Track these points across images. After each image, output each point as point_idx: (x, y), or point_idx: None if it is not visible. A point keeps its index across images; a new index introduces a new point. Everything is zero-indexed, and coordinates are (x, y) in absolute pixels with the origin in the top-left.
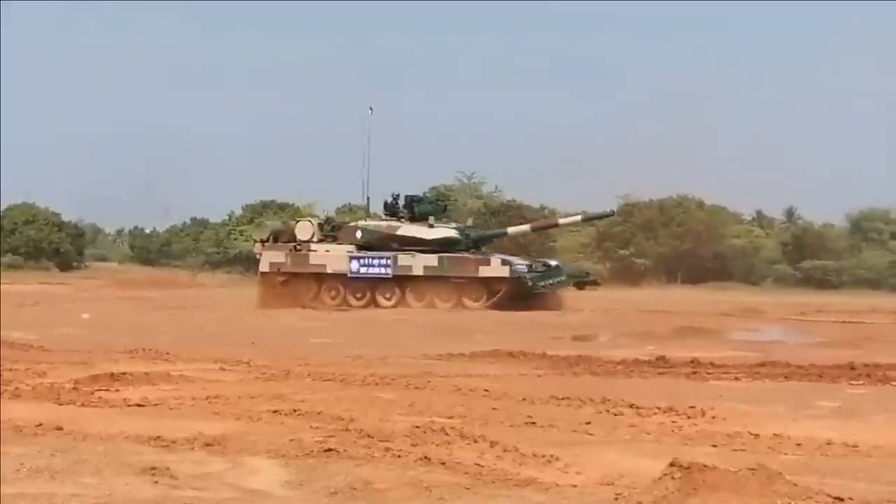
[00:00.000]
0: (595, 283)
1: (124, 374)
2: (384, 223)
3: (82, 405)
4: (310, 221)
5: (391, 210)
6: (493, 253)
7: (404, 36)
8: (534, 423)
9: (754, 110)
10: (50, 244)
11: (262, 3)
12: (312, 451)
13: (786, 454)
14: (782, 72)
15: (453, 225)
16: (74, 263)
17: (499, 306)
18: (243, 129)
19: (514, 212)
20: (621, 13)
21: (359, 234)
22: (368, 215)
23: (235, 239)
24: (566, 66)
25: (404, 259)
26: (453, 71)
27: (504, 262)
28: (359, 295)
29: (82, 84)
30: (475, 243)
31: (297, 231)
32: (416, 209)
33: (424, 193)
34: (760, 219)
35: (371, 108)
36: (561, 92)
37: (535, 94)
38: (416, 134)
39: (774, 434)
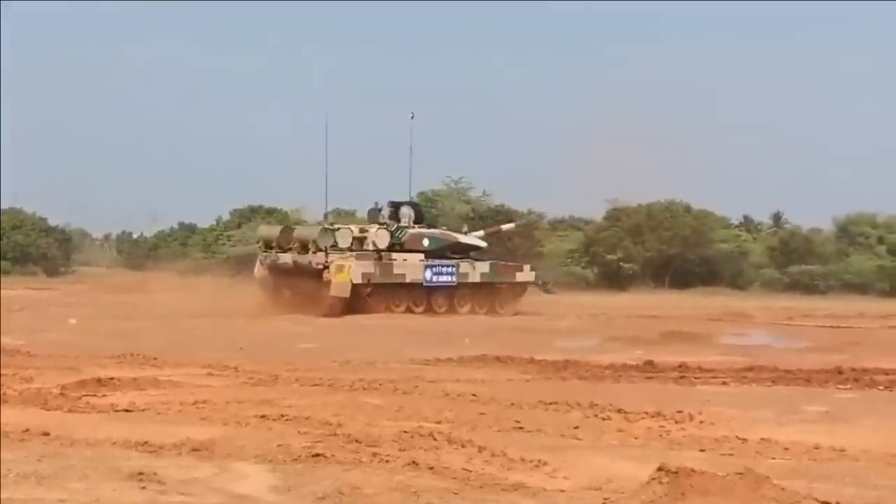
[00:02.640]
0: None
1: (112, 379)
2: (437, 231)
3: (69, 410)
4: (386, 228)
5: (374, 217)
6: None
7: (393, 39)
8: (521, 427)
9: (741, 115)
10: (37, 249)
11: (246, 8)
12: (300, 457)
13: (773, 458)
14: (769, 76)
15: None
16: (62, 268)
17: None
18: (231, 134)
19: (503, 217)
20: (609, 16)
21: (426, 241)
22: (401, 220)
23: (223, 244)
24: (554, 69)
25: (464, 267)
26: (443, 74)
27: (532, 269)
28: (415, 302)
29: (70, 87)
30: None
31: (376, 239)
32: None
33: (412, 198)
34: (748, 223)
35: (412, 114)
36: (549, 95)
37: (524, 97)
38: (405, 137)
39: (762, 438)
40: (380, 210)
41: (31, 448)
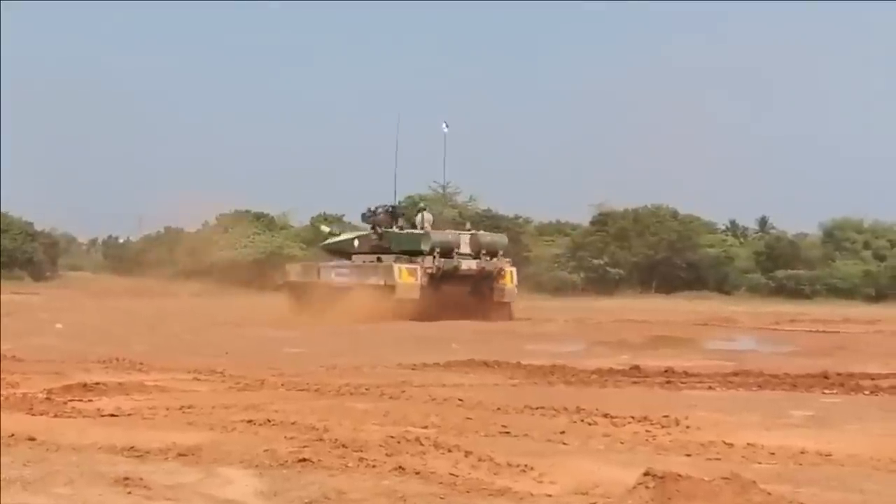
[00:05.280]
0: None
1: (98, 384)
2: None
3: (55, 415)
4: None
5: (372, 220)
6: None
7: (382, 40)
8: (508, 432)
9: (728, 120)
10: (23, 254)
11: (232, 14)
12: (286, 462)
13: (759, 463)
14: (755, 79)
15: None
16: (48, 273)
17: None
18: (218, 137)
19: (490, 221)
20: (594, 18)
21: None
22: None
23: (210, 248)
24: (541, 74)
25: None
26: (429, 78)
27: None
28: None
29: (57, 91)
30: None
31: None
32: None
33: (399, 203)
34: (734, 228)
35: (446, 124)
36: (537, 100)
37: (511, 101)
38: (392, 141)
39: (748, 443)
40: (379, 212)
41: (16, 453)
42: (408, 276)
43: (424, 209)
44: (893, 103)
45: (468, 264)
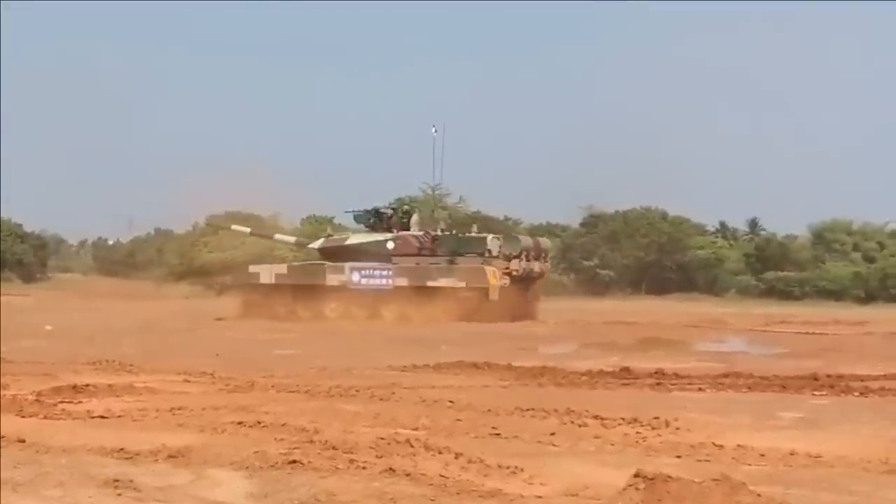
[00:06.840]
0: None
1: (87, 385)
2: None
3: (45, 417)
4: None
5: (368, 222)
6: None
7: (376, 42)
8: (498, 434)
9: (719, 122)
10: (12, 255)
11: (221, 14)
12: (276, 463)
13: (749, 465)
14: (745, 81)
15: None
16: (38, 275)
17: None
18: (212, 137)
19: (480, 223)
20: (589, 24)
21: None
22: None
23: (199, 251)
24: (531, 75)
25: None
26: (422, 78)
27: None
28: None
29: (46, 92)
30: None
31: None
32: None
33: (390, 204)
34: (724, 230)
35: (434, 127)
36: (527, 101)
37: (502, 102)
38: (386, 142)
39: (738, 445)
40: (391, 215)
41: (6, 455)
42: (494, 278)
43: (411, 212)
44: (885, 104)
45: (533, 267)
